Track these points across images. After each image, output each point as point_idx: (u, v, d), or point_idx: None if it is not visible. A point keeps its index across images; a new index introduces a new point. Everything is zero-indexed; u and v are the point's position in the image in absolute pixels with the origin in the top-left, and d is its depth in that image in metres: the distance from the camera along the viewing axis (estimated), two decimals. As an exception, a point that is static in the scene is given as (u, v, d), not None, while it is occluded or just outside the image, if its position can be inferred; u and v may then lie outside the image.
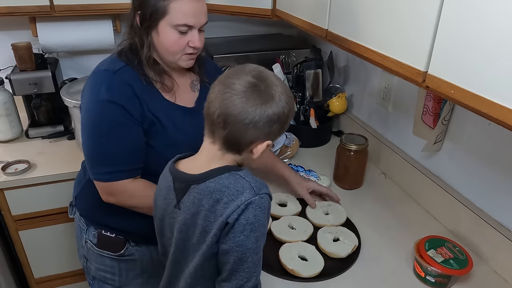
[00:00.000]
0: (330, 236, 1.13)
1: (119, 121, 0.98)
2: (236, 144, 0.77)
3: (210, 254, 0.78)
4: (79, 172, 1.23)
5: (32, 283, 1.74)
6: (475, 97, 0.63)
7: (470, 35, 0.63)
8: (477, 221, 1.10)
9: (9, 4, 1.50)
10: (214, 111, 0.75)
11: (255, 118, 0.73)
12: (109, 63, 1.03)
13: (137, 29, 1.01)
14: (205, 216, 0.76)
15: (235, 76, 0.76)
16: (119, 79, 0.99)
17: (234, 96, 0.73)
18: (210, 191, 0.76)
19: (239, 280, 0.76)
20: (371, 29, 0.91)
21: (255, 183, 0.76)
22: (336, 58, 1.78)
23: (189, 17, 0.98)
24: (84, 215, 1.18)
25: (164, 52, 1.02)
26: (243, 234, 0.73)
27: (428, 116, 1.26)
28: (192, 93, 1.14)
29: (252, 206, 0.73)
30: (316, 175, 1.41)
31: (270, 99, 0.74)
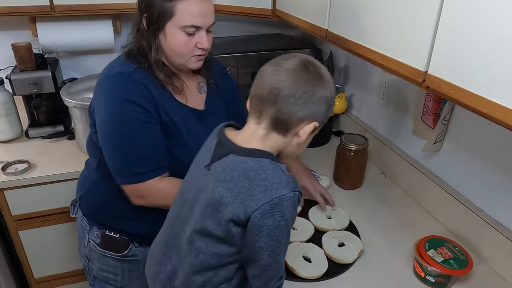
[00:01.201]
0: (335, 241, 1.12)
1: (142, 120, 0.97)
2: (284, 121, 0.76)
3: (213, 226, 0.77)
4: (83, 172, 1.23)
5: (32, 283, 1.74)
6: (475, 97, 0.63)
7: (470, 35, 0.63)
8: (477, 221, 1.10)
9: (9, 4, 1.50)
10: (263, 87, 0.76)
11: (305, 93, 0.74)
12: (120, 65, 1.02)
13: (144, 32, 1.01)
14: (229, 188, 0.75)
15: (285, 58, 0.78)
16: (135, 80, 0.98)
17: (285, 72, 0.75)
18: (246, 167, 0.75)
19: (270, 274, 0.78)
20: (371, 29, 0.91)
21: (292, 179, 0.75)
22: (336, 58, 1.78)
23: (196, 18, 0.97)
24: (87, 215, 1.17)
25: (172, 54, 1.01)
26: (277, 229, 0.73)
27: (428, 116, 1.26)
28: (199, 95, 1.14)
29: (287, 202, 0.73)
30: (316, 175, 1.41)
31: (319, 78, 0.76)
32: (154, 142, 1.00)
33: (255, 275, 0.78)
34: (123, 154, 1.00)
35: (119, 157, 1.00)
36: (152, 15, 0.97)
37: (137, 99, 0.97)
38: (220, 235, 0.77)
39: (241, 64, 1.79)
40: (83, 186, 1.19)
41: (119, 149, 0.99)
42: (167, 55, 1.02)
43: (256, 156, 0.76)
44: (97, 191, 1.14)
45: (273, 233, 0.73)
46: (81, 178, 1.23)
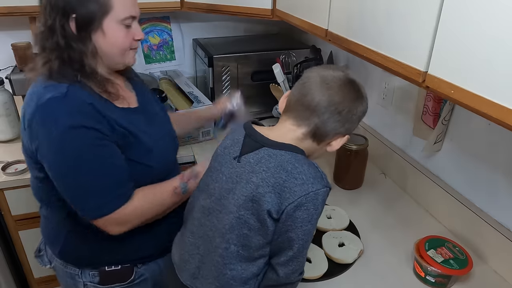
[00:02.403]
0: (335, 241, 1.12)
1: (96, 144, 0.87)
2: (324, 133, 0.80)
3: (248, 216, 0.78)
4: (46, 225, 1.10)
5: (32, 283, 1.74)
6: (475, 97, 0.63)
7: (470, 35, 0.63)
8: (477, 221, 1.10)
9: (9, 4, 1.50)
10: (313, 97, 0.78)
11: (350, 112, 0.78)
12: (47, 89, 0.87)
13: (73, 36, 0.87)
14: (264, 178, 0.77)
15: (331, 69, 0.81)
16: (74, 100, 0.87)
17: (336, 87, 0.78)
18: (283, 160, 0.78)
19: (295, 266, 0.80)
20: (371, 29, 0.91)
21: (325, 176, 0.79)
22: (336, 58, 1.78)
23: (132, 8, 0.92)
24: (73, 263, 1.06)
25: (114, 52, 0.93)
26: (310, 223, 0.77)
27: (428, 116, 1.26)
28: (131, 93, 1.06)
29: (321, 197, 0.76)
30: (316, 175, 1.41)
31: (361, 96, 0.81)
32: (116, 165, 0.91)
33: (280, 263, 0.81)
34: (84, 186, 0.89)
35: (82, 192, 0.89)
36: (84, 14, 0.86)
37: (83, 122, 0.85)
38: (254, 225, 0.79)
39: (241, 64, 1.79)
40: (57, 240, 1.06)
41: (80, 184, 0.88)
42: (107, 55, 0.93)
43: (292, 151, 0.79)
44: (78, 239, 1.02)
45: (305, 226, 0.76)
46: (49, 232, 1.09)
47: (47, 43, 0.89)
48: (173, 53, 2.12)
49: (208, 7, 1.63)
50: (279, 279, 0.81)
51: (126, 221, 0.95)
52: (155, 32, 2.04)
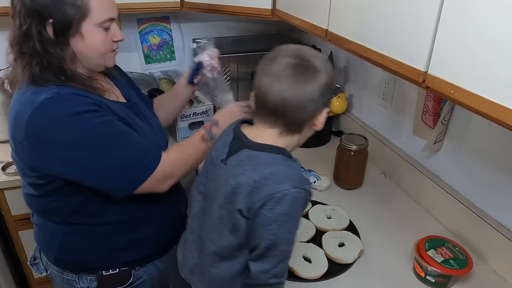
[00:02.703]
0: (335, 241, 1.12)
1: (104, 121, 0.88)
2: (298, 125, 0.80)
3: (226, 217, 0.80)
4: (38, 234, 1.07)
5: (32, 283, 1.74)
6: (475, 97, 0.63)
7: (470, 35, 0.63)
8: (477, 221, 1.10)
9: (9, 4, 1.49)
10: (269, 101, 0.77)
11: (310, 94, 0.76)
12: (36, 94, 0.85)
13: (50, 41, 0.86)
14: (240, 180, 0.77)
15: (276, 62, 0.77)
16: (68, 95, 0.86)
17: (285, 82, 0.75)
18: (259, 162, 0.78)
19: (266, 264, 0.78)
20: (371, 29, 0.91)
21: (300, 177, 0.78)
22: (336, 58, 1.78)
23: (110, 10, 0.91)
24: (69, 269, 1.05)
25: (93, 55, 0.92)
26: (276, 223, 0.74)
27: (428, 116, 1.26)
28: (116, 89, 1.07)
29: (289, 198, 0.74)
30: (316, 175, 1.41)
31: (315, 72, 0.77)
32: (131, 133, 0.94)
33: (251, 259, 0.81)
34: (119, 162, 0.90)
35: (117, 167, 0.90)
36: (61, 18, 0.84)
37: (84, 107, 0.86)
38: (229, 227, 0.79)
39: (241, 64, 1.79)
40: (51, 247, 1.04)
41: (110, 160, 0.89)
42: (86, 59, 0.92)
43: (270, 152, 0.79)
44: (74, 244, 1.01)
45: (270, 225, 0.75)
46: (41, 238, 1.07)
47: (23, 48, 0.87)
48: (173, 53, 2.12)
49: (208, 7, 1.63)
50: (252, 276, 0.81)
51: (171, 174, 0.98)
52: (155, 32, 2.04)
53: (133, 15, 1.93)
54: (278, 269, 0.79)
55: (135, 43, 2.00)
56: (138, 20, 1.97)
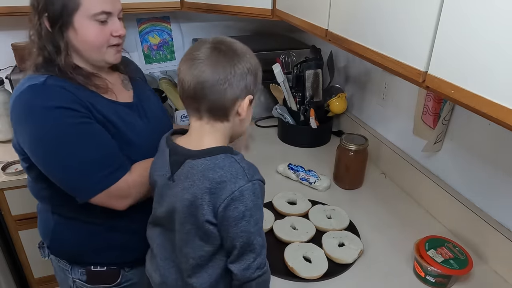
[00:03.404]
0: (335, 241, 1.12)
1: (78, 122, 0.87)
2: (220, 108, 0.78)
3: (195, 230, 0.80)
4: (39, 219, 1.11)
5: (32, 283, 1.74)
6: (475, 97, 0.63)
7: (470, 35, 0.63)
8: (477, 221, 1.10)
9: (9, 4, 1.50)
10: (189, 86, 0.77)
11: (227, 76, 0.75)
12: (28, 80, 0.89)
13: (48, 34, 0.89)
14: (195, 192, 0.78)
15: (196, 49, 0.78)
16: (52, 86, 0.88)
17: (201, 64, 0.76)
18: (204, 169, 0.78)
19: (246, 261, 0.80)
20: (371, 29, 0.91)
21: (248, 169, 0.78)
22: (336, 58, 1.78)
23: (105, 3, 0.90)
24: (64, 258, 1.07)
25: (87, 49, 0.92)
26: (244, 220, 0.76)
27: (428, 116, 1.26)
28: (127, 91, 1.07)
29: (247, 192, 0.76)
30: (316, 175, 1.41)
31: (234, 55, 0.77)
32: (101, 141, 0.90)
33: (230, 261, 0.81)
34: (72, 167, 0.88)
35: (69, 172, 0.88)
36: (55, 11, 0.87)
37: (62, 103, 0.86)
38: (201, 237, 0.80)
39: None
40: (46, 234, 1.08)
41: (65, 164, 0.87)
42: (82, 51, 0.93)
43: (210, 155, 0.79)
44: (64, 234, 1.03)
45: (240, 223, 0.76)
46: (40, 225, 1.11)
47: (33, 42, 0.92)
48: (173, 53, 2.12)
49: (208, 7, 1.63)
50: (237, 277, 0.81)
51: (127, 194, 0.94)
52: (155, 32, 2.04)
53: (133, 15, 1.93)
54: (259, 261, 0.80)
55: (135, 43, 2.00)
56: (138, 20, 1.97)
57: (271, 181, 1.45)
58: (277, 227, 1.17)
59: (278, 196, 1.31)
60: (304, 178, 1.42)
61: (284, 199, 1.30)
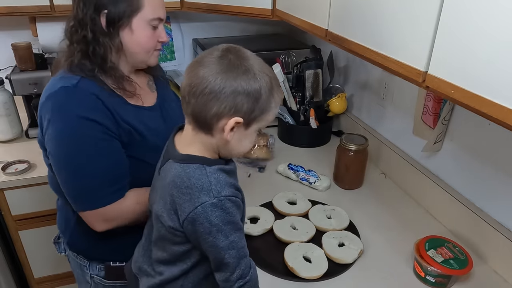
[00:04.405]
0: (335, 241, 1.12)
1: (99, 138, 0.89)
2: (202, 119, 0.73)
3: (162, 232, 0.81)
4: (59, 215, 1.13)
5: (32, 283, 1.74)
6: (475, 97, 0.63)
7: (470, 35, 0.63)
8: (477, 221, 1.10)
9: (9, 4, 1.50)
10: (183, 87, 0.75)
11: (215, 87, 0.69)
12: (60, 80, 0.91)
13: (102, 31, 0.91)
14: (163, 196, 0.78)
15: (208, 52, 0.74)
16: (84, 91, 0.89)
17: (200, 67, 0.72)
18: (175, 175, 0.76)
19: (224, 273, 0.78)
20: (371, 29, 0.91)
21: (216, 184, 0.73)
22: (336, 58, 1.78)
23: (160, 10, 0.95)
24: (82, 254, 1.09)
25: (138, 50, 0.96)
26: (210, 236, 0.74)
27: (428, 116, 1.26)
28: (151, 93, 1.09)
29: (210, 209, 0.72)
30: (316, 175, 1.41)
31: (236, 69, 0.70)
32: (114, 161, 0.92)
33: (213, 269, 0.80)
34: (81, 177, 0.90)
35: (75, 181, 0.91)
36: (116, 10, 0.89)
37: (90, 113, 0.88)
38: (170, 238, 0.80)
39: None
40: (66, 230, 1.10)
41: (74, 171, 0.90)
42: (130, 52, 0.96)
43: (186, 162, 0.76)
44: (85, 232, 1.01)
45: (207, 239, 0.74)
46: (61, 219, 1.12)
47: (74, 37, 0.92)
48: (173, 53, 2.12)
49: (208, 7, 1.63)
50: (220, 286, 0.81)
51: (113, 218, 0.95)
52: (155, 32, 2.04)
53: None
54: (239, 272, 0.78)
55: (135, 43, 2.00)
56: (138, 20, 1.97)
57: (271, 181, 1.45)
58: (277, 227, 1.17)
59: (278, 196, 1.31)
60: (304, 178, 1.42)
61: (284, 199, 1.30)
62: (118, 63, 0.97)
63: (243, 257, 0.79)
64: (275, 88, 0.75)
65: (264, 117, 0.75)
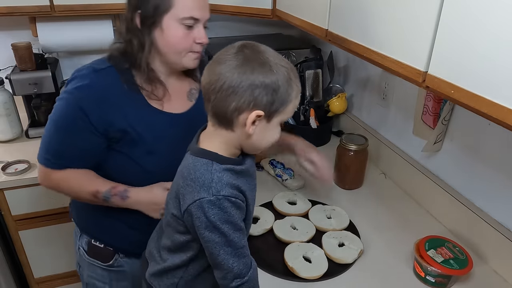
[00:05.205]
0: (335, 241, 1.12)
1: (76, 125, 0.94)
2: (223, 114, 0.74)
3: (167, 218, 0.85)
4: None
5: (32, 283, 1.74)
6: (475, 97, 0.63)
7: (470, 35, 0.63)
8: (477, 221, 1.10)
9: (9, 4, 1.50)
10: (203, 85, 0.76)
11: (232, 82, 0.70)
12: (96, 61, 0.99)
13: (136, 30, 0.94)
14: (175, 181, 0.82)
15: (225, 50, 0.75)
16: (98, 79, 0.94)
17: (217, 65, 0.73)
18: (185, 165, 0.79)
19: (221, 271, 0.79)
20: (371, 29, 0.91)
21: (217, 183, 0.74)
22: (336, 58, 1.78)
23: (195, 10, 0.92)
24: (77, 223, 1.17)
25: (169, 50, 0.95)
26: (206, 230, 0.75)
27: (428, 116, 1.26)
28: (187, 102, 1.08)
29: (207, 206, 0.73)
30: (291, 173, 1.42)
31: (252, 62, 0.71)
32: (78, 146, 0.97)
33: (212, 266, 0.81)
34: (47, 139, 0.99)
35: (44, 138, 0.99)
36: (148, 9, 0.91)
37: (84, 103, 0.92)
38: (174, 226, 0.83)
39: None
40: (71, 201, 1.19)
41: (47, 132, 0.98)
42: (163, 52, 0.96)
43: (198, 156, 0.78)
44: (80, 204, 1.11)
45: (203, 233, 0.76)
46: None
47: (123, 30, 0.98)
48: (173, 53, 2.12)
49: (208, 7, 1.63)
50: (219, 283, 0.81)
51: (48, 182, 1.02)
52: (155, 32, 2.04)
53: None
54: (236, 271, 0.78)
55: (135, 43, 2.00)
56: (138, 20, 1.97)
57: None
58: (277, 227, 1.17)
59: (278, 196, 1.31)
60: (279, 174, 1.43)
61: (284, 199, 1.30)
62: (153, 62, 0.98)
63: (242, 257, 0.79)
64: (294, 79, 0.75)
65: (285, 109, 0.75)
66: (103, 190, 0.99)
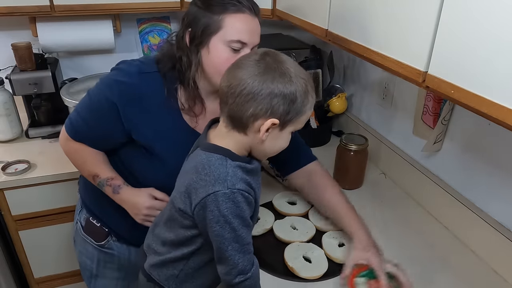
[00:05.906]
0: (335, 241, 1.12)
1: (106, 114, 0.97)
2: (238, 119, 0.77)
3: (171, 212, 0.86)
4: None
5: (32, 283, 1.74)
6: (475, 97, 0.63)
7: (470, 35, 0.63)
8: (477, 221, 1.10)
9: (9, 4, 1.50)
10: (221, 87, 0.78)
11: (253, 88, 0.73)
12: (145, 61, 1.00)
13: (186, 48, 0.95)
14: (184, 179, 0.82)
15: (247, 56, 0.79)
16: (141, 83, 0.96)
17: (238, 70, 0.76)
18: (198, 161, 0.80)
19: (226, 266, 0.80)
20: (371, 29, 0.91)
21: (232, 177, 0.76)
22: (336, 58, 1.78)
23: (243, 34, 0.91)
24: (81, 195, 1.22)
25: (213, 71, 0.95)
26: (218, 224, 0.76)
27: (428, 116, 1.26)
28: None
29: (222, 199, 0.75)
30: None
31: (273, 72, 0.74)
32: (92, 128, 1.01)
33: (216, 260, 0.82)
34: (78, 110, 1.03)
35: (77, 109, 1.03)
36: (197, 29, 0.91)
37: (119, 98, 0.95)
38: (180, 221, 0.84)
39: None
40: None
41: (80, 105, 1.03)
42: (207, 72, 0.96)
43: (211, 151, 0.79)
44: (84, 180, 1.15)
45: (214, 227, 0.76)
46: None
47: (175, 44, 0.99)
48: (173, 53, 2.12)
49: (208, 7, 1.63)
50: (221, 278, 0.83)
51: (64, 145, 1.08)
52: (155, 32, 2.04)
53: (133, 15, 1.93)
54: (240, 267, 0.79)
55: (135, 43, 2.00)
56: (138, 20, 1.97)
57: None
58: (277, 227, 1.17)
59: (278, 196, 1.31)
60: (279, 174, 1.42)
61: (284, 199, 1.30)
62: (199, 81, 0.99)
63: (247, 253, 0.81)
64: (310, 92, 0.78)
65: (299, 119, 0.79)
66: (102, 177, 1.05)
